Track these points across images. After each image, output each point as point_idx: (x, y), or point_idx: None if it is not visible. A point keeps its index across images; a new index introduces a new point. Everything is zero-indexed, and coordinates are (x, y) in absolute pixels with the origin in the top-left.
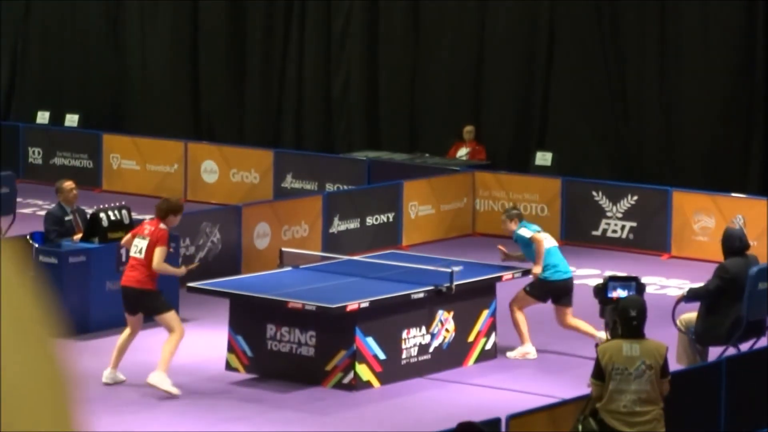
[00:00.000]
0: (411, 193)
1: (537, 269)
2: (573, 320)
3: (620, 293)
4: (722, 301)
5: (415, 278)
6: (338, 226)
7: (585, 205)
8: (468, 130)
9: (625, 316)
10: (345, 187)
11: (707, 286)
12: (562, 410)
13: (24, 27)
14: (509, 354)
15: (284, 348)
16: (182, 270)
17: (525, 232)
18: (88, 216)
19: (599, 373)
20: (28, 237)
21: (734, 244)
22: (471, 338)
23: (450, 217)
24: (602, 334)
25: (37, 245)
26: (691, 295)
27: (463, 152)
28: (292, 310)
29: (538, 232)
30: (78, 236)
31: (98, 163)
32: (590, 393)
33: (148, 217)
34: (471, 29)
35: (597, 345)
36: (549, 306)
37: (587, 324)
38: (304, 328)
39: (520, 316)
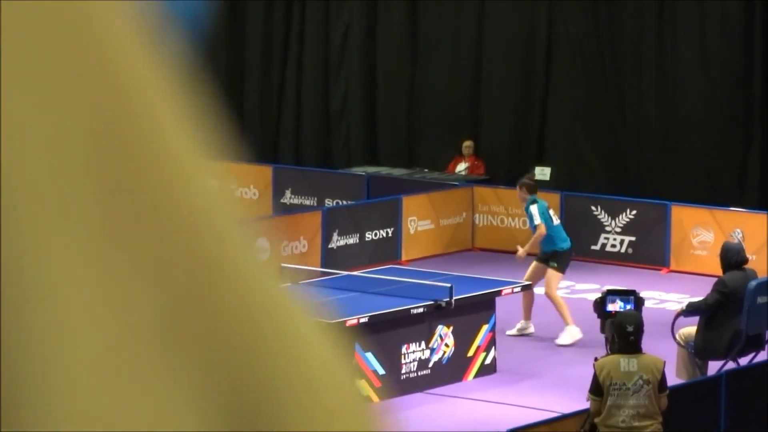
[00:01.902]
0: (410, 208)
1: (522, 252)
2: (559, 297)
3: (619, 307)
4: (721, 315)
5: (414, 293)
6: (337, 241)
7: (584, 220)
8: (467, 145)
9: (622, 331)
10: (344, 202)
11: (706, 300)
12: (561, 425)
13: None
14: (558, 341)
15: None
16: None
17: (534, 211)
18: None
19: (597, 389)
20: None
21: (733, 258)
22: (470, 353)
23: (449, 232)
24: (573, 330)
25: None
26: (690, 310)
27: (462, 167)
28: None
29: (547, 210)
30: None
31: None
32: (589, 408)
33: None
34: (469, 44)
35: (595, 360)
36: (549, 321)
37: (567, 309)
38: None
39: (560, 299)
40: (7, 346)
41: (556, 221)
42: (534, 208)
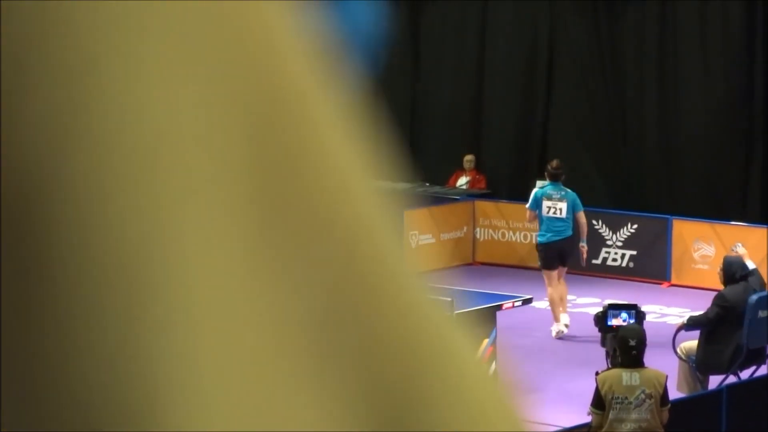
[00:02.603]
0: (411, 222)
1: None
2: (555, 294)
3: (620, 321)
4: (722, 330)
5: None
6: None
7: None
8: (468, 159)
9: (625, 345)
10: None
11: (707, 314)
12: None
13: None
14: (554, 334)
15: None
16: None
17: (531, 196)
18: None
19: (599, 402)
20: None
21: (737, 272)
22: None
23: (450, 246)
24: (561, 326)
25: None
26: (692, 323)
27: (463, 181)
28: None
29: (550, 198)
30: None
31: None
32: (590, 422)
33: None
34: (470, 58)
35: (597, 373)
36: (550, 335)
37: (559, 306)
38: None
39: (552, 298)
40: (150, 346)
41: (551, 213)
42: (532, 193)
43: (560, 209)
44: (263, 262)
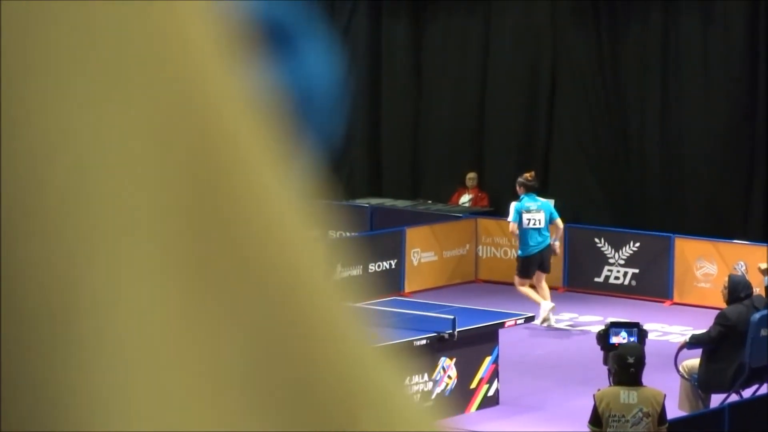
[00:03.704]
0: (413, 240)
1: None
2: (525, 289)
3: (620, 339)
4: (724, 348)
5: (417, 325)
6: (340, 272)
7: (587, 252)
8: (470, 177)
9: (623, 363)
10: (347, 233)
11: (709, 333)
12: None
13: None
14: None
15: None
16: None
17: (511, 210)
18: None
19: (597, 420)
20: None
21: (742, 291)
22: (473, 385)
23: (452, 263)
24: (546, 305)
25: None
26: (694, 342)
27: (465, 199)
28: None
29: (530, 210)
30: None
31: None
32: None
33: None
34: (472, 77)
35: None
36: (552, 353)
37: (536, 294)
38: None
39: (527, 289)
40: (76, 391)
41: (531, 224)
42: (512, 207)
43: (539, 220)
44: (197, 304)
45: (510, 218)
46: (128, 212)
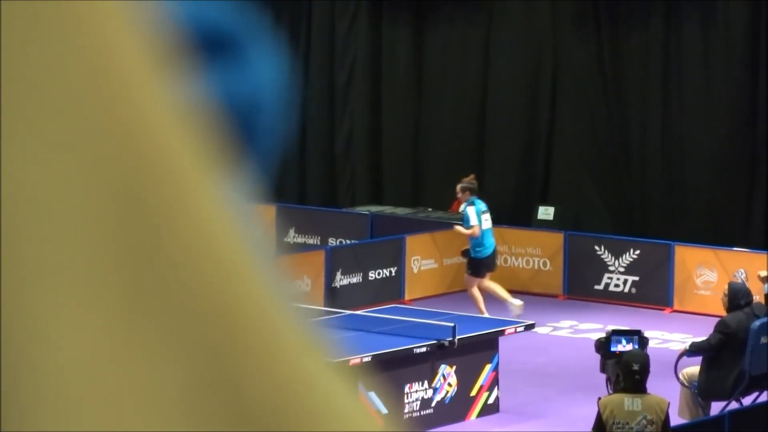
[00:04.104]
0: (413, 248)
1: (457, 229)
2: (488, 283)
3: (623, 347)
4: (724, 356)
5: (417, 332)
6: (341, 280)
7: (587, 260)
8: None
9: (628, 370)
10: (348, 241)
11: (709, 340)
12: None
13: None
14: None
15: None
16: None
17: (471, 213)
18: None
19: (600, 427)
20: None
21: (742, 299)
22: (473, 392)
23: (453, 271)
24: (516, 301)
25: None
26: (694, 350)
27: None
28: None
29: (484, 212)
30: None
31: None
32: None
33: None
34: (473, 84)
35: (599, 399)
36: (552, 361)
37: (501, 288)
38: None
39: (476, 292)
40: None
41: (486, 226)
42: (471, 210)
43: (490, 220)
44: (133, 331)
45: (474, 222)
46: (59, 242)
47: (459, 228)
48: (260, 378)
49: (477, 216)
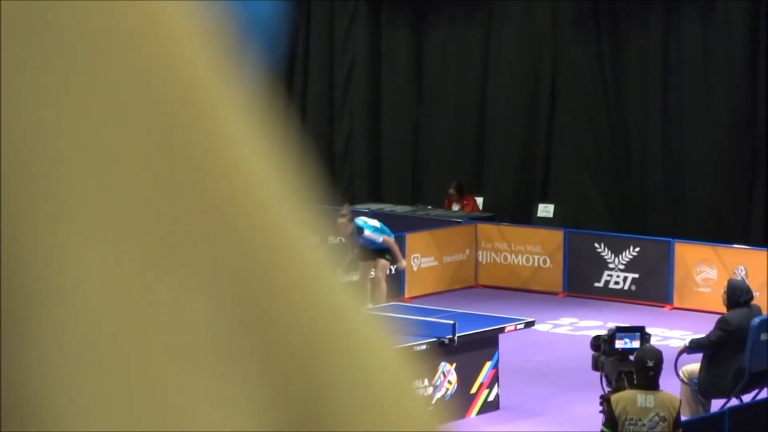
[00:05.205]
0: (413, 245)
1: (403, 263)
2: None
3: (624, 344)
4: (724, 353)
5: (417, 330)
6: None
7: (587, 257)
8: (450, 193)
9: (642, 366)
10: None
11: (709, 337)
12: None
13: None
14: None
15: None
16: None
17: (372, 235)
18: None
19: (612, 422)
20: None
21: (741, 296)
22: (473, 390)
23: (452, 268)
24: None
25: None
26: (693, 346)
27: (456, 208)
28: None
29: (369, 222)
30: None
31: None
32: None
33: None
34: (473, 82)
35: (601, 396)
36: (553, 358)
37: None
38: None
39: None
40: (38, 350)
41: (378, 224)
42: (369, 233)
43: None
44: (163, 262)
45: (381, 238)
46: (92, 173)
47: (400, 260)
48: (293, 312)
49: (376, 230)
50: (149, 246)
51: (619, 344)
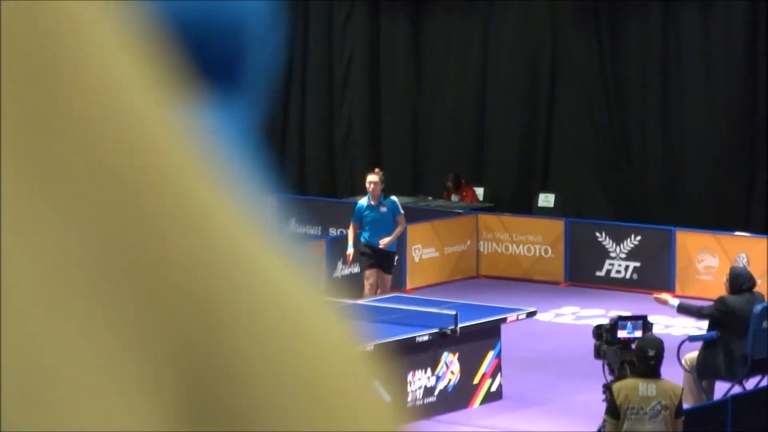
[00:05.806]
0: (414, 236)
1: (387, 241)
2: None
3: (628, 333)
4: (720, 336)
5: (419, 321)
6: (342, 270)
7: (588, 246)
8: (448, 186)
9: (643, 354)
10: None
11: (701, 309)
12: None
13: None
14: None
15: None
16: None
17: (399, 202)
18: None
19: (614, 411)
20: None
21: (744, 283)
22: (476, 380)
23: (454, 259)
24: None
25: None
26: (682, 309)
27: (455, 199)
28: None
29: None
30: None
31: None
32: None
33: None
34: (473, 73)
35: (604, 385)
36: (555, 348)
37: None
38: None
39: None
40: None
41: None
42: (391, 206)
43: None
44: (45, 195)
45: (402, 210)
46: None
47: (392, 237)
48: (184, 255)
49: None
50: (35, 173)
51: (621, 333)
